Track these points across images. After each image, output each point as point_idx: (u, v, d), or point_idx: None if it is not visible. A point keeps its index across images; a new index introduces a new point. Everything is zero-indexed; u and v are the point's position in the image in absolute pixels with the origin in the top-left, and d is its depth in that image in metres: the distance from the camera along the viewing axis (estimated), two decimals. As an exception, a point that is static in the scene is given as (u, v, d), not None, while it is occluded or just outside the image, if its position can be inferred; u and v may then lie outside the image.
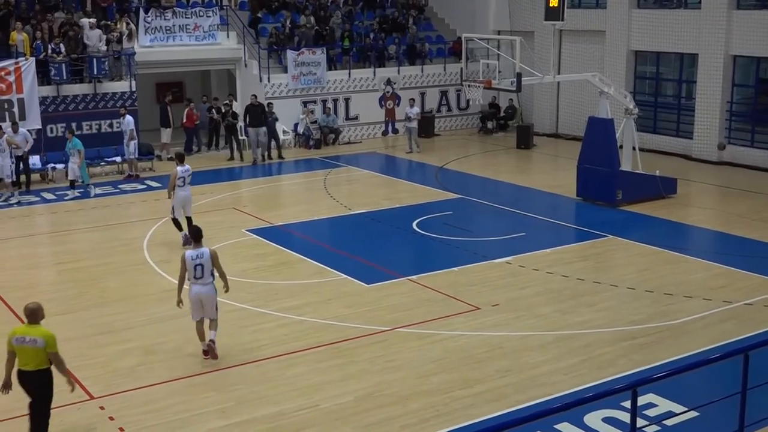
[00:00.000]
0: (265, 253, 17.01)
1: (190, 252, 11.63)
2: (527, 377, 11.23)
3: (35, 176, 23.50)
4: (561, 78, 24.68)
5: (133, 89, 26.07)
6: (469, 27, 31.04)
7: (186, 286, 11.74)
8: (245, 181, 24.24)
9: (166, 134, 26.77)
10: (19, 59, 23.99)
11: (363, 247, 17.60)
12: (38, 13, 26.03)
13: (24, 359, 9.20)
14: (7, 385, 9.43)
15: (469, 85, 21.53)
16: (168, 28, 27.50)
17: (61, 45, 24.93)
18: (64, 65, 24.78)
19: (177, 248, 14.14)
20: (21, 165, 22.52)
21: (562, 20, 21.22)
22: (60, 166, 23.71)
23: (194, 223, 15.11)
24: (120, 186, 22.96)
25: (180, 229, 17.09)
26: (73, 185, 21.84)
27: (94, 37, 25.48)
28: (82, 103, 25.26)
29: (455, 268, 15.80)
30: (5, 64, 23.81)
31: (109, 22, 26.80)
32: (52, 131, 24.71)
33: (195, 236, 11.92)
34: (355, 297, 14.44)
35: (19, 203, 21.30)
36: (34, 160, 23.57)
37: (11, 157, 21.79)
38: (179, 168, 16.73)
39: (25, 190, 22.45)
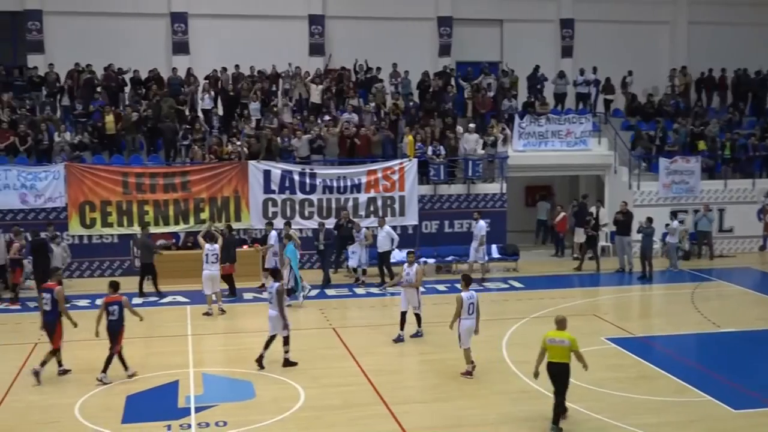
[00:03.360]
0: (624, 364, 16.49)
1: (465, 293, 15.21)
2: None
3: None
4: None
5: (504, 191, 27.01)
6: None
7: None
8: (608, 288, 23.83)
9: (579, 234, 26.75)
10: (403, 160, 26.02)
11: (732, 369, 16.36)
12: (422, 119, 28.16)
13: (553, 354, 12.64)
14: (536, 374, 12.85)
15: None
16: (541, 133, 28.43)
17: (441, 147, 26.66)
18: (442, 166, 26.44)
19: (535, 348, 14.20)
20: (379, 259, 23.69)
21: None
22: (431, 260, 25.11)
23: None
24: (485, 284, 23.62)
25: (401, 327, 18.01)
26: (289, 293, 20.40)
27: (471, 141, 26.97)
28: (456, 203, 26.69)
29: (841, 404, 14.14)
30: (392, 164, 25.96)
31: (487, 127, 28.20)
32: (426, 227, 26.38)
33: (468, 281, 15.54)
34: (720, 422, 13.45)
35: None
36: (403, 254, 25.06)
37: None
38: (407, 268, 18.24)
39: (380, 282, 23.50)
